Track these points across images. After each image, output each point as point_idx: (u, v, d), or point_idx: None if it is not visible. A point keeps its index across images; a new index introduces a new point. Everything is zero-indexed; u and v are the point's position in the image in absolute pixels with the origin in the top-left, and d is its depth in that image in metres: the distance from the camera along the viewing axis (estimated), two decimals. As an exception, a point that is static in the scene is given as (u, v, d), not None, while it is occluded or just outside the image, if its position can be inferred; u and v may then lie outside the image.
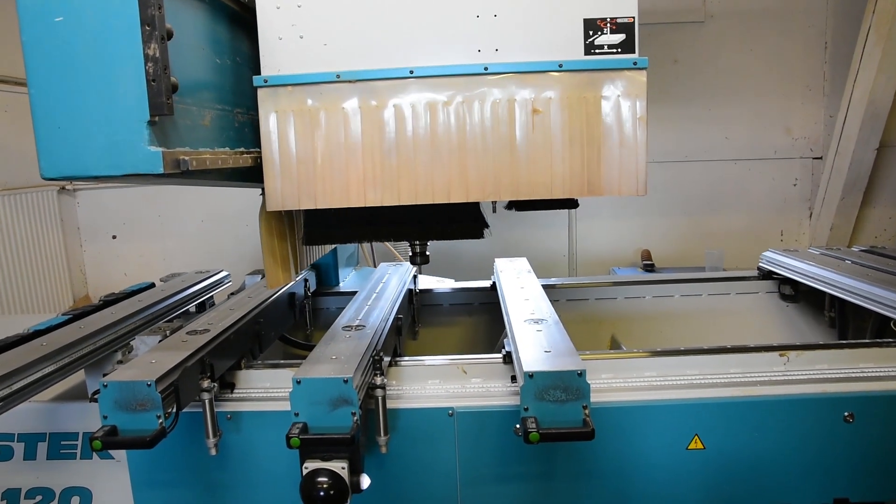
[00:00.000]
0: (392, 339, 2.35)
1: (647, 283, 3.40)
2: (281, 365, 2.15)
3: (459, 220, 2.13)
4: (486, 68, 1.80)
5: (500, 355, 2.11)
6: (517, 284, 2.78)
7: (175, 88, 1.48)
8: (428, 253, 2.30)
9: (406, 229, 2.16)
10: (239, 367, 2.15)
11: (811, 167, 6.16)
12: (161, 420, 1.69)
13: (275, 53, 1.80)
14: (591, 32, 1.78)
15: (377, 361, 1.94)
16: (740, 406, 1.99)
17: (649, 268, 5.92)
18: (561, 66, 1.79)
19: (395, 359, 2.18)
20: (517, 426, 1.72)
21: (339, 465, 1.72)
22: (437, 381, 2.09)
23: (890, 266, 2.81)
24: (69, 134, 1.45)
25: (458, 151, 1.82)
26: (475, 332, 3.35)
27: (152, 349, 2.00)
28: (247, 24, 1.89)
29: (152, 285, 2.95)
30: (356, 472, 1.75)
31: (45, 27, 1.42)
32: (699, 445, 1.99)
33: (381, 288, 2.84)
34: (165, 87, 1.43)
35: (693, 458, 2.00)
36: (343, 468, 1.72)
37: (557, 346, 1.92)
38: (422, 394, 2.06)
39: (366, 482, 1.79)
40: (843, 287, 2.72)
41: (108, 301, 2.61)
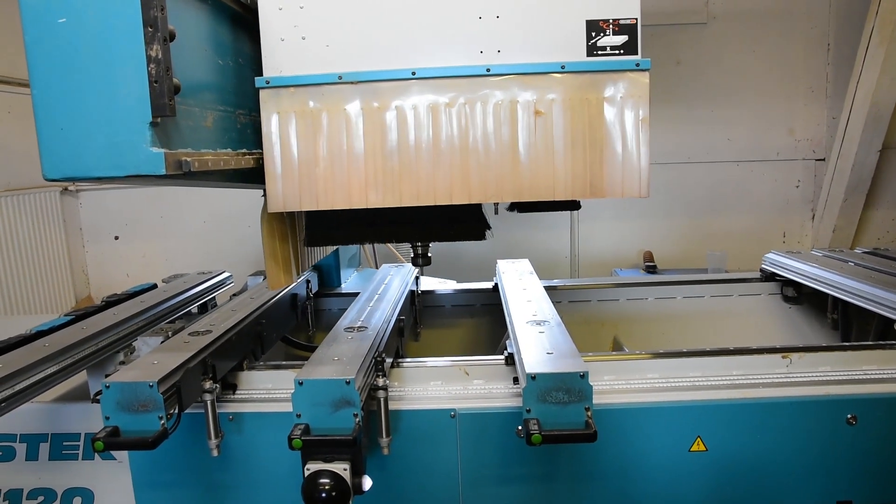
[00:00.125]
0: (394, 340, 2.35)
1: (649, 284, 3.40)
2: (283, 366, 2.16)
3: (461, 222, 2.12)
4: (489, 70, 1.79)
5: (502, 357, 2.11)
6: (519, 286, 2.77)
7: (177, 90, 1.48)
8: (430, 254, 2.30)
9: (408, 230, 2.16)
10: (241, 368, 2.15)
11: (814, 169, 6.16)
12: (163, 421, 1.69)
13: (277, 54, 1.80)
14: (593, 34, 1.77)
15: (379, 363, 1.94)
16: (743, 408, 1.99)
17: (651, 269, 5.91)
18: (563, 67, 1.79)
19: (397, 360, 2.18)
20: (519, 428, 1.72)
21: (341, 467, 1.72)
22: (439, 383, 2.09)
23: (893, 268, 2.80)
24: (71, 135, 1.45)
25: (460, 153, 1.82)
26: (477, 334, 3.35)
27: (154, 350, 2.00)
28: (249, 25, 1.89)
29: (154, 286, 2.95)
30: (358, 474, 1.75)
31: (47, 28, 1.42)
32: (702, 447, 1.99)
33: (383, 289, 2.84)
34: (168, 88, 1.43)
35: (695, 460, 1.99)
36: (345, 469, 1.72)
37: (560, 347, 1.92)
38: (424, 395, 2.06)
39: (368, 484, 1.79)
40: (846, 289, 2.71)
41: (111, 302, 2.61)
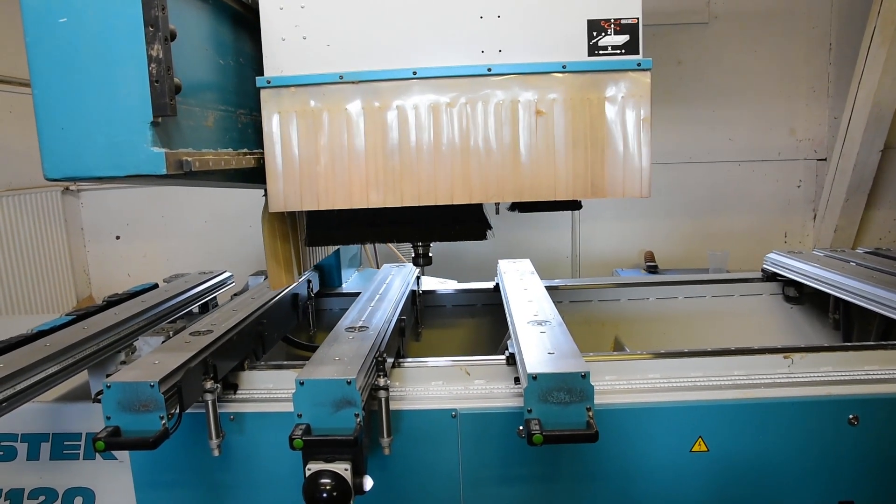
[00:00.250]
0: (395, 340, 2.35)
1: (650, 284, 3.39)
2: (284, 366, 2.16)
3: (462, 222, 2.12)
4: (490, 69, 1.79)
5: (503, 357, 2.10)
6: (520, 286, 2.77)
7: (178, 89, 1.48)
8: (431, 254, 2.30)
9: (409, 230, 2.16)
10: (242, 368, 2.15)
11: (815, 169, 6.15)
12: (164, 421, 1.69)
13: (278, 54, 1.80)
14: (594, 33, 1.77)
15: (380, 363, 1.93)
16: (744, 408, 1.99)
17: (653, 269, 5.91)
18: (564, 67, 1.79)
19: (398, 360, 2.18)
20: (520, 428, 1.72)
21: (342, 467, 1.72)
22: (440, 383, 2.09)
23: (894, 268, 2.80)
24: (72, 135, 1.45)
25: (462, 153, 1.82)
26: (478, 334, 3.35)
27: (155, 350, 2.00)
28: (250, 24, 1.89)
29: (156, 286, 2.95)
30: (359, 474, 1.75)
31: (48, 28, 1.42)
32: (703, 448, 1.98)
33: (385, 289, 2.84)
34: (168, 87, 1.43)
35: (697, 460, 1.99)
36: (346, 470, 1.72)
37: (561, 347, 1.92)
38: (425, 395, 2.06)
39: (369, 484, 1.78)
40: (848, 289, 2.71)
41: (112, 302, 2.61)
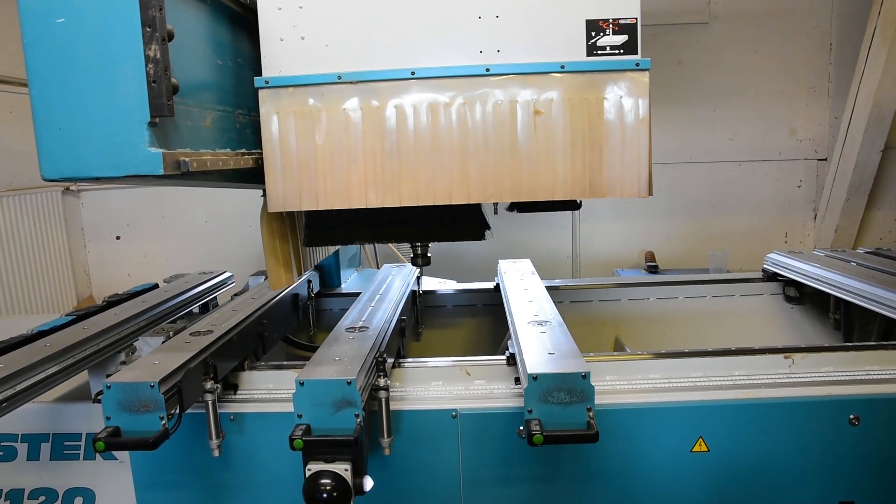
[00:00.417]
0: (395, 340, 2.35)
1: (650, 284, 3.39)
2: (284, 366, 2.15)
3: (461, 222, 2.12)
4: (488, 69, 1.79)
5: (503, 357, 2.10)
6: (521, 286, 2.77)
7: (176, 90, 1.48)
8: (429, 254, 2.30)
9: (407, 230, 2.16)
10: (242, 369, 2.15)
11: (816, 169, 6.15)
12: (164, 421, 1.69)
13: (276, 54, 1.80)
14: (593, 33, 1.77)
15: (380, 363, 1.93)
16: (745, 408, 1.99)
17: (653, 269, 5.90)
18: (563, 67, 1.78)
19: (398, 360, 2.18)
20: (521, 428, 1.72)
21: (342, 467, 1.72)
22: (440, 383, 2.08)
23: (895, 268, 2.79)
24: (70, 135, 1.45)
25: (460, 153, 1.82)
26: (478, 334, 3.35)
27: (155, 350, 2.00)
28: (248, 25, 1.88)
29: (156, 286, 2.95)
30: (359, 474, 1.75)
31: (46, 28, 1.42)
32: (703, 448, 1.98)
33: (385, 289, 2.84)
34: (166, 88, 1.43)
35: (697, 460, 1.99)
36: (346, 470, 1.71)
37: (561, 347, 1.92)
38: (425, 395, 2.06)
39: (369, 484, 1.78)
40: (848, 289, 2.70)
41: (112, 302, 2.61)
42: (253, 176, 1.88)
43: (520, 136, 1.81)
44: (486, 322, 3.33)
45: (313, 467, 1.72)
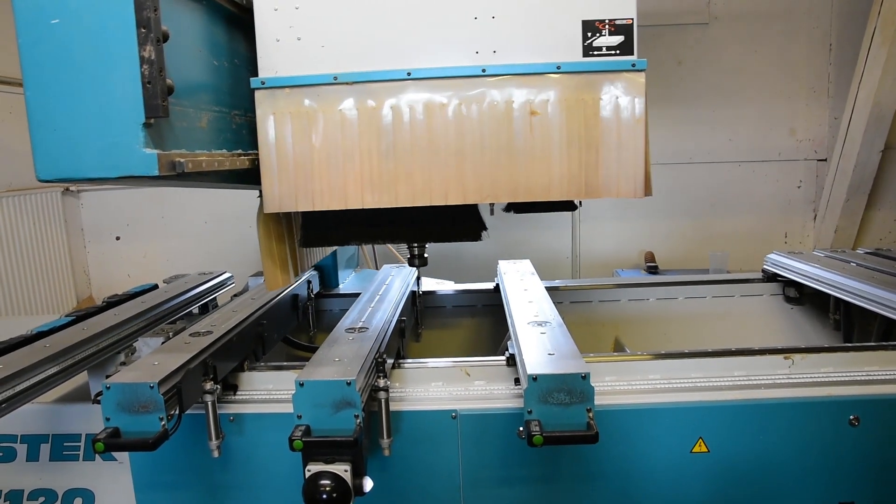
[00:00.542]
0: (395, 341, 2.35)
1: (650, 285, 3.39)
2: (284, 367, 2.15)
3: (457, 222, 2.12)
4: (484, 70, 1.79)
5: (503, 358, 2.10)
6: (520, 286, 2.77)
7: (171, 90, 1.47)
8: (426, 255, 2.30)
9: (404, 231, 2.16)
10: (242, 369, 2.15)
11: (815, 169, 6.15)
12: (164, 422, 1.68)
13: (272, 55, 1.80)
14: (589, 34, 1.77)
15: (380, 364, 1.93)
16: (745, 409, 1.98)
17: (653, 270, 5.90)
18: (559, 67, 1.78)
19: (398, 361, 2.18)
20: (521, 429, 1.71)
21: (341, 468, 1.72)
22: (440, 384, 2.08)
23: (895, 268, 2.79)
24: (65, 136, 1.45)
25: (456, 153, 1.81)
26: (478, 335, 3.35)
27: (155, 351, 2.00)
28: (244, 25, 1.88)
29: (155, 287, 2.95)
30: (359, 475, 1.75)
31: (41, 29, 1.42)
32: (703, 449, 1.98)
33: (385, 290, 2.84)
34: (161, 89, 1.43)
35: (697, 461, 1.99)
36: (346, 471, 1.71)
37: (561, 348, 1.92)
38: (425, 396, 2.06)
39: (369, 485, 1.78)
40: (848, 289, 2.70)
41: (112, 302, 2.61)
42: (249, 177, 1.88)
43: (516, 136, 1.80)
44: (485, 323, 3.33)
45: (313, 468, 1.72)
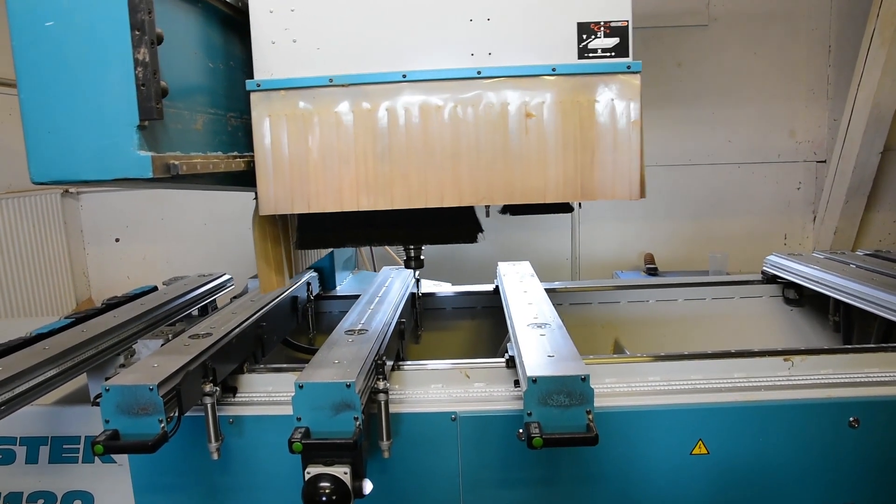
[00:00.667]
0: (395, 343, 2.35)
1: (650, 286, 3.39)
2: (283, 369, 2.15)
3: (454, 224, 2.11)
4: (479, 72, 1.78)
5: (503, 359, 2.10)
6: (520, 288, 2.77)
7: (165, 93, 1.47)
8: (423, 257, 2.30)
9: (400, 233, 2.15)
10: (241, 371, 2.14)
11: (815, 170, 6.15)
12: (163, 424, 1.68)
13: (268, 57, 1.79)
14: (584, 36, 1.76)
15: (380, 366, 1.93)
16: (744, 411, 1.98)
17: (653, 271, 5.89)
18: (554, 70, 1.78)
19: (397, 363, 2.18)
20: (520, 431, 1.71)
21: (341, 470, 1.72)
22: (439, 386, 2.08)
23: (894, 270, 2.79)
24: (59, 138, 1.45)
25: (452, 155, 1.81)
26: (478, 336, 3.35)
27: (154, 353, 2.00)
28: (240, 27, 1.88)
29: (155, 288, 2.95)
30: (359, 477, 1.75)
31: (35, 31, 1.41)
32: (703, 450, 1.98)
33: (384, 292, 2.84)
34: (155, 91, 1.43)
35: (697, 463, 1.99)
36: (345, 473, 1.71)
37: (561, 350, 1.92)
38: (424, 398, 2.06)
39: (368, 487, 1.78)
40: (848, 291, 2.70)
41: (111, 304, 2.61)
42: (245, 179, 1.88)
43: (511, 138, 1.80)
44: (485, 324, 3.33)
45: (312, 470, 1.72)
